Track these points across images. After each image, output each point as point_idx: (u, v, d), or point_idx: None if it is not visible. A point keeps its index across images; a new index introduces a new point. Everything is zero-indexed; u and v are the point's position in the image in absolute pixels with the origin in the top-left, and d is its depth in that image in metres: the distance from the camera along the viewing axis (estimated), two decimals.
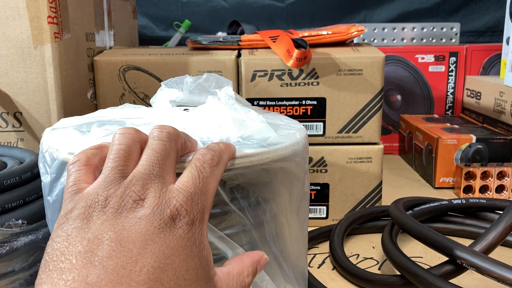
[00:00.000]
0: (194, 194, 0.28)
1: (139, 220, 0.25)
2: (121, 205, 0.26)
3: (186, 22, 1.08)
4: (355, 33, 0.68)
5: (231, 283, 0.29)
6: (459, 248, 0.45)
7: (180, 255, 0.25)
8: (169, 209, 0.26)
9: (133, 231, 0.25)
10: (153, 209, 0.26)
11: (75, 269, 0.23)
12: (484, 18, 1.25)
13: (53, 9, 0.56)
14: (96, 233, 0.25)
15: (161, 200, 0.26)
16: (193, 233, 0.26)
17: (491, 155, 0.83)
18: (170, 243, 0.25)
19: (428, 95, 1.04)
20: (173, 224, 0.26)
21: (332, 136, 0.66)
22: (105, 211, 0.26)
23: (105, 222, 0.25)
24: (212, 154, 0.30)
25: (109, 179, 0.27)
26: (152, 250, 0.24)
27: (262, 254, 0.31)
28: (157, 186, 0.27)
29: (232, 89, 0.43)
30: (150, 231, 0.25)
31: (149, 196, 0.26)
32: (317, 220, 0.68)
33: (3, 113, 0.59)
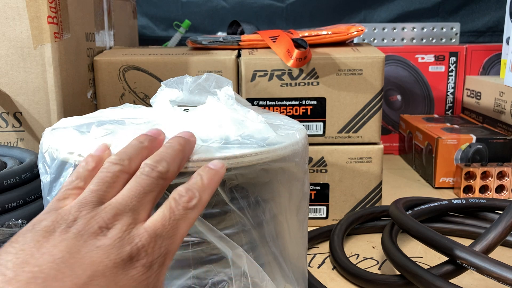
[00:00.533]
0: (160, 237, 0.27)
1: (96, 249, 0.25)
2: (85, 228, 0.26)
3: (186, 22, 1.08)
4: (355, 33, 0.68)
5: None
6: (459, 248, 0.45)
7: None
8: (129, 247, 0.26)
9: (87, 258, 0.24)
10: (114, 241, 0.25)
11: (17, 282, 0.23)
12: (484, 18, 1.25)
13: (53, 9, 0.56)
14: (51, 249, 0.24)
15: (125, 235, 0.26)
16: (148, 276, 0.26)
17: (491, 155, 0.83)
18: (120, 282, 0.24)
19: (428, 95, 1.04)
20: (129, 263, 0.25)
21: (332, 136, 0.66)
22: (68, 231, 0.25)
23: (64, 241, 0.25)
24: (190, 196, 0.29)
25: (85, 200, 0.27)
26: (99, 283, 0.24)
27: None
28: (127, 219, 0.27)
29: (232, 89, 0.43)
30: (104, 263, 0.24)
31: (115, 227, 0.26)
32: (317, 220, 0.68)
33: (3, 113, 0.59)
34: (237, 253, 0.34)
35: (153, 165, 0.29)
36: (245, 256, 0.34)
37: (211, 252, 0.34)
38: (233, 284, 0.34)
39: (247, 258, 0.34)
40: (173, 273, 0.34)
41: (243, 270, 0.34)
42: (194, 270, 0.34)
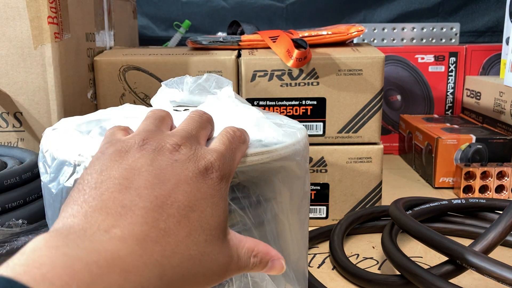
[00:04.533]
0: (225, 157, 0.30)
1: (175, 162, 0.27)
2: (158, 146, 0.27)
3: (186, 22, 1.08)
4: (355, 33, 0.68)
5: (240, 251, 0.29)
6: (459, 248, 0.45)
7: (209, 201, 0.27)
8: (204, 161, 0.28)
9: (169, 169, 0.26)
10: (189, 156, 0.28)
11: (110, 192, 0.24)
12: (484, 18, 1.25)
13: (53, 9, 0.56)
14: (133, 164, 0.26)
15: (197, 153, 0.28)
16: (221, 187, 0.28)
17: (491, 155, 0.83)
18: (201, 189, 0.27)
19: (428, 95, 1.04)
20: (205, 174, 0.27)
21: (332, 136, 0.66)
22: (143, 149, 0.27)
23: (143, 157, 0.26)
24: (241, 132, 0.33)
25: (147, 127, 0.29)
26: (185, 189, 0.26)
27: (280, 258, 0.31)
28: (192, 142, 0.29)
29: (232, 89, 0.43)
30: (185, 173, 0.27)
31: (185, 146, 0.28)
32: (317, 220, 0.68)
33: (3, 113, 0.59)
34: None
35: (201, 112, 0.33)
36: None
37: None
38: (233, 283, 0.34)
39: None
40: None
41: None
42: None
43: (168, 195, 0.25)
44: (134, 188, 0.25)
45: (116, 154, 0.27)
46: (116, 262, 0.21)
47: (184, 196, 0.26)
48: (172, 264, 0.24)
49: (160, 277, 0.23)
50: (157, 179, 0.26)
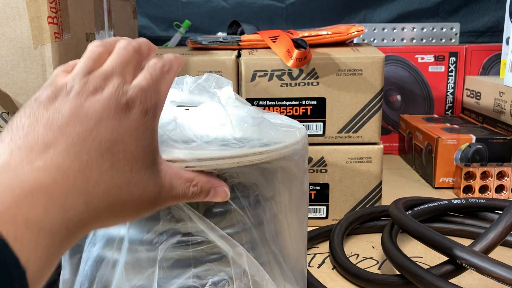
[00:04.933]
0: (148, 91, 0.30)
1: (97, 101, 0.28)
2: (82, 89, 0.29)
3: (186, 22, 1.08)
4: (355, 33, 0.68)
5: (175, 181, 0.31)
6: (459, 248, 0.45)
7: (132, 135, 0.28)
8: (125, 97, 0.29)
9: (91, 109, 0.28)
10: (111, 94, 0.29)
11: (35, 132, 0.26)
12: (484, 18, 1.25)
13: (53, 9, 0.56)
14: (58, 107, 0.28)
15: (119, 89, 0.29)
16: (146, 121, 0.29)
17: (490, 155, 0.83)
18: (124, 124, 0.28)
19: (428, 95, 1.04)
20: (128, 110, 0.29)
21: (332, 136, 0.66)
22: (68, 94, 0.29)
23: (67, 102, 0.28)
24: (163, 62, 0.33)
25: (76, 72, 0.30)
26: (106, 125, 0.28)
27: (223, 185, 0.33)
28: (116, 80, 0.30)
29: (232, 89, 0.43)
30: (106, 111, 0.28)
31: (108, 86, 0.29)
32: (317, 220, 0.68)
33: (3, 113, 0.59)
34: (237, 251, 0.34)
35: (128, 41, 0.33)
36: (245, 255, 0.34)
37: (211, 251, 0.34)
38: (234, 282, 0.34)
39: (247, 257, 0.34)
40: (174, 272, 0.34)
41: (244, 268, 0.34)
42: (194, 268, 0.34)
43: (90, 130, 0.27)
44: (57, 127, 0.27)
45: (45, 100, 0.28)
46: (39, 187, 0.23)
47: (106, 131, 0.27)
48: (98, 193, 0.26)
49: (85, 203, 0.25)
50: (79, 118, 0.27)
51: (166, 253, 0.34)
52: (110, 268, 0.35)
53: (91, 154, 0.26)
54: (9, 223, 0.21)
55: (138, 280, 0.34)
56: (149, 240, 0.34)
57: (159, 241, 0.33)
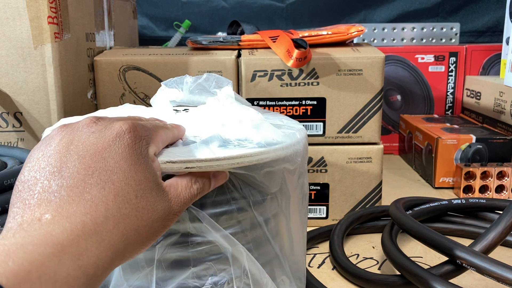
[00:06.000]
0: (142, 125, 0.31)
1: (92, 133, 0.29)
2: (76, 125, 0.30)
3: (186, 22, 1.07)
4: (355, 33, 0.68)
5: (179, 188, 0.31)
6: (459, 248, 0.45)
7: (128, 160, 0.28)
8: (118, 125, 0.30)
9: (87, 142, 0.28)
10: (104, 126, 0.30)
11: (39, 182, 0.27)
12: (484, 18, 1.25)
13: (53, 9, 0.56)
14: (55, 148, 0.28)
15: (111, 122, 0.30)
16: (140, 146, 0.30)
17: (491, 155, 0.83)
18: (119, 150, 0.28)
19: (428, 95, 1.04)
20: (121, 137, 0.29)
21: (332, 136, 0.66)
22: (63, 130, 0.30)
23: (63, 138, 0.29)
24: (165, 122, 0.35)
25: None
26: (103, 156, 0.28)
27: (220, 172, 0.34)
28: (108, 118, 0.31)
29: (232, 89, 0.43)
30: (101, 141, 0.28)
31: (102, 120, 0.31)
32: (317, 220, 0.68)
33: (3, 113, 0.59)
34: (237, 250, 0.34)
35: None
36: (245, 254, 0.34)
37: (210, 251, 0.34)
38: (233, 281, 0.34)
39: (247, 256, 0.34)
40: (173, 271, 0.34)
41: (243, 267, 0.34)
42: (193, 268, 0.34)
43: (89, 166, 0.27)
44: (58, 171, 0.27)
45: (43, 145, 0.29)
46: (49, 240, 0.23)
47: (104, 163, 0.28)
48: (108, 228, 0.26)
49: (98, 243, 0.25)
50: (76, 155, 0.28)
51: (165, 253, 0.34)
52: None
53: (93, 190, 0.26)
54: (23, 281, 0.21)
55: (135, 280, 0.34)
56: None
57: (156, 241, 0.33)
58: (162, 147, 0.33)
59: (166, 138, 0.34)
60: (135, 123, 0.31)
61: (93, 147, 0.28)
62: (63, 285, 0.22)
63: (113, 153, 0.28)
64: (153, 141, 0.31)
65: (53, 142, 0.29)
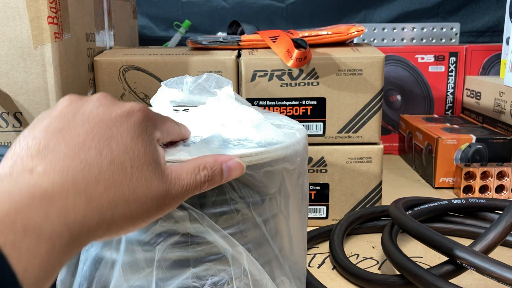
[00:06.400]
0: (152, 111, 0.31)
1: (100, 106, 0.29)
2: (87, 98, 0.30)
3: (186, 22, 1.07)
4: (355, 33, 0.68)
5: (183, 173, 0.30)
6: (459, 248, 0.45)
7: (131, 133, 0.28)
8: (128, 105, 0.30)
9: (93, 112, 0.28)
10: (113, 102, 0.30)
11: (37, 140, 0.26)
12: (484, 18, 1.25)
13: (53, 9, 0.56)
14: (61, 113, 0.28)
15: (123, 102, 0.30)
16: (146, 127, 0.29)
17: (491, 155, 0.83)
18: (124, 125, 0.28)
19: (428, 95, 1.04)
20: (130, 115, 0.29)
21: (332, 136, 0.66)
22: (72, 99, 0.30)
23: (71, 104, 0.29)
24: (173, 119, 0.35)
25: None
26: (107, 125, 0.28)
27: (233, 157, 0.32)
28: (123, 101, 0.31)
29: (232, 89, 0.43)
30: (108, 114, 0.28)
31: (112, 98, 0.30)
32: (317, 220, 0.68)
33: (3, 113, 0.59)
34: (237, 251, 0.34)
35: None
36: (245, 254, 0.34)
37: (210, 251, 0.34)
38: (233, 282, 0.34)
39: (247, 256, 0.34)
40: (173, 272, 0.34)
41: (243, 268, 0.34)
42: (193, 268, 0.34)
43: (90, 130, 0.27)
44: (59, 131, 0.27)
45: (48, 111, 0.29)
46: (38, 191, 0.23)
47: (106, 130, 0.28)
48: (98, 191, 0.26)
49: (86, 202, 0.25)
50: (80, 120, 0.28)
51: (165, 253, 0.34)
52: (109, 268, 0.35)
53: (90, 152, 0.26)
54: (7, 230, 0.21)
55: (136, 280, 0.34)
56: (146, 240, 0.34)
57: (156, 242, 0.33)
58: (167, 139, 0.33)
59: (173, 132, 0.33)
60: (144, 106, 0.30)
61: (99, 117, 0.28)
62: (46, 240, 0.22)
63: (118, 124, 0.28)
64: (160, 128, 0.31)
65: (59, 106, 0.29)
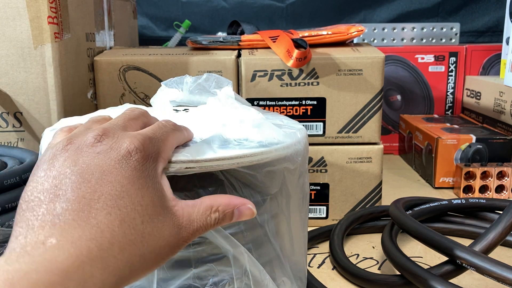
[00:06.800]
0: (152, 138, 0.30)
1: (97, 155, 0.28)
2: (81, 143, 0.29)
3: (186, 22, 1.07)
4: (355, 33, 0.68)
5: (194, 214, 0.30)
6: (459, 248, 0.45)
7: (135, 184, 0.28)
8: (125, 145, 0.29)
9: (92, 164, 0.27)
10: (110, 145, 0.29)
11: (44, 204, 0.26)
12: (484, 18, 1.25)
13: (53, 9, 0.56)
14: (59, 169, 0.27)
15: (118, 139, 0.29)
16: (147, 167, 0.29)
17: (491, 155, 0.83)
18: (126, 173, 0.28)
19: (428, 95, 1.04)
20: (128, 158, 0.28)
21: (332, 136, 0.66)
22: (67, 149, 0.28)
23: (68, 159, 0.28)
24: (173, 123, 0.34)
25: (77, 130, 0.31)
26: (109, 179, 0.27)
27: (246, 203, 0.32)
28: (116, 130, 0.30)
29: (232, 89, 0.43)
30: (107, 163, 0.28)
31: (107, 137, 0.29)
32: (317, 220, 0.68)
33: (4, 113, 0.59)
34: (238, 251, 0.34)
35: (133, 108, 0.34)
36: (246, 255, 0.34)
37: (212, 252, 0.34)
38: (234, 283, 0.34)
39: (248, 257, 0.34)
40: (174, 272, 0.34)
41: (245, 268, 0.34)
42: (194, 269, 0.34)
43: (94, 191, 0.26)
44: (63, 194, 0.26)
45: (46, 163, 0.28)
46: (54, 266, 0.23)
47: (110, 187, 0.27)
48: (114, 254, 0.25)
49: (103, 269, 0.24)
50: (81, 178, 0.27)
51: None
52: None
53: (99, 216, 0.26)
54: None
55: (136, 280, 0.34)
56: None
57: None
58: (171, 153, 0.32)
59: (177, 143, 0.33)
60: (143, 139, 0.29)
61: (99, 170, 0.27)
62: None
63: (120, 177, 0.27)
64: (161, 155, 0.30)
65: (56, 163, 0.28)
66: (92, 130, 0.30)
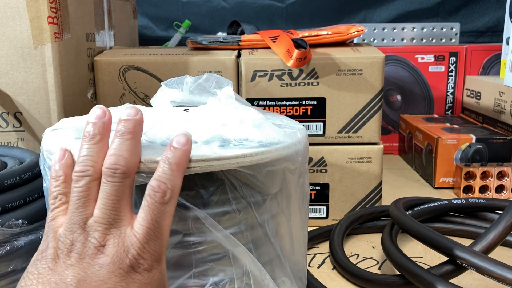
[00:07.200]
0: (149, 241, 0.30)
1: (100, 268, 0.28)
2: (83, 251, 0.29)
3: (186, 22, 1.07)
4: (355, 33, 0.68)
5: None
6: (459, 248, 0.45)
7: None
8: (128, 259, 0.28)
9: (94, 278, 0.27)
10: (112, 257, 0.28)
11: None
12: (484, 18, 1.25)
13: (53, 9, 0.56)
14: (61, 276, 0.27)
15: (120, 249, 0.29)
16: (152, 277, 0.29)
17: (491, 155, 0.83)
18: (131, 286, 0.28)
19: (428, 95, 1.04)
20: (132, 272, 0.28)
21: (332, 136, 0.66)
22: (70, 256, 0.28)
23: (70, 267, 0.28)
24: (163, 190, 0.30)
25: (73, 221, 0.30)
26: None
27: None
28: (115, 232, 0.29)
29: (232, 89, 0.43)
30: (112, 279, 0.27)
31: (109, 243, 0.29)
32: (317, 220, 0.68)
33: (4, 113, 0.59)
34: (239, 251, 0.34)
35: (113, 170, 0.31)
36: (247, 255, 0.34)
37: (212, 251, 0.34)
38: (234, 282, 0.34)
39: (249, 257, 0.34)
40: (174, 272, 0.34)
41: (245, 268, 0.34)
42: (195, 268, 0.34)
43: None
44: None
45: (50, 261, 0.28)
46: None
47: None
48: None
49: None
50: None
51: (167, 253, 0.34)
52: None
53: None
54: None
55: None
56: None
57: None
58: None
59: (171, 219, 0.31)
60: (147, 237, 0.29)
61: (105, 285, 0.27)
62: None
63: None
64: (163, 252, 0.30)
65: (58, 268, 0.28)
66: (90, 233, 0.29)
